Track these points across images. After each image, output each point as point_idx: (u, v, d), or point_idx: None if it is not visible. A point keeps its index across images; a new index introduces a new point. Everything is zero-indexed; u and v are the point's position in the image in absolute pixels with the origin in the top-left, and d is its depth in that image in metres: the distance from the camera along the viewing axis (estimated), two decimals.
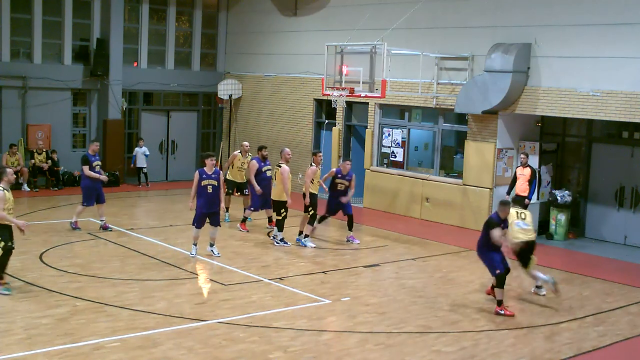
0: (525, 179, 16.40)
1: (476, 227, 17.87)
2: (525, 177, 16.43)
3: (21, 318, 10.08)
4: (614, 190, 17.29)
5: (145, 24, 23.95)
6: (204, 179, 13.63)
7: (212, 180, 13.65)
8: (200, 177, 13.62)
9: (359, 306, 11.46)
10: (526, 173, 16.48)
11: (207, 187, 13.64)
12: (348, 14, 20.78)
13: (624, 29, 15.38)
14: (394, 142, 20.12)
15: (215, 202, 13.75)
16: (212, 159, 13.68)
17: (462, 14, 18.37)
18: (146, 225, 17.20)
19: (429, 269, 14.23)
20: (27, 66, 21.77)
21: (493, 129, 17.68)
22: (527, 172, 16.48)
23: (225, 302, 11.32)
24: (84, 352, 8.99)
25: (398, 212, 19.71)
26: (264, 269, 13.40)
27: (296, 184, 22.89)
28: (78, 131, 23.20)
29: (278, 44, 23.63)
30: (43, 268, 12.75)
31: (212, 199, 13.70)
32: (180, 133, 24.95)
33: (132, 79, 23.40)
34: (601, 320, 11.35)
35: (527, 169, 16.51)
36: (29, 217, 16.84)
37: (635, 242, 16.97)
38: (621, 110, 15.41)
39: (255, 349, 9.34)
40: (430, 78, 18.67)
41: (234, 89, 24.69)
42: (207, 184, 13.64)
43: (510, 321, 11.07)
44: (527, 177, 16.41)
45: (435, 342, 10.00)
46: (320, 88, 19.12)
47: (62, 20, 22.33)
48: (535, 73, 16.83)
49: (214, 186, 13.66)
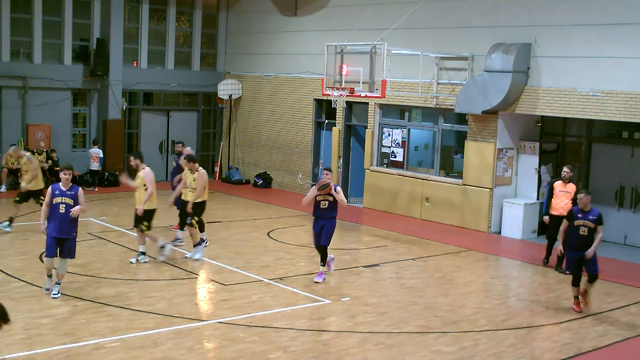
0: (570, 197, 13.96)
1: (476, 227, 17.95)
2: (570, 195, 14.00)
3: (21, 318, 10.08)
4: (614, 190, 17.29)
5: (145, 24, 23.95)
6: (57, 195, 11.07)
7: (66, 198, 11.08)
8: (52, 194, 11.07)
9: (359, 306, 11.46)
10: (570, 190, 14.07)
11: (59, 206, 11.05)
12: (348, 14, 20.78)
13: (624, 29, 15.39)
14: (394, 142, 20.11)
15: (69, 226, 11.09)
16: (67, 172, 11.15)
17: (462, 14, 18.37)
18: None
19: (429, 269, 14.23)
20: (27, 66, 21.78)
21: (493, 129, 17.69)
22: (571, 188, 14.09)
23: (225, 302, 11.32)
24: (84, 352, 8.99)
25: (398, 212, 19.71)
26: (264, 269, 13.40)
27: (296, 184, 22.93)
28: (78, 131, 23.21)
29: (278, 44, 23.63)
30: (43, 268, 12.72)
31: (64, 222, 11.04)
32: (180, 133, 24.92)
33: (132, 79, 23.41)
34: (601, 320, 11.35)
35: (570, 185, 14.17)
36: (29, 217, 16.83)
37: (635, 242, 16.98)
38: (621, 110, 15.41)
39: (255, 349, 9.33)
40: (430, 78, 18.67)
41: (234, 89, 24.69)
42: (60, 202, 11.05)
43: (510, 321, 11.07)
44: (572, 196, 13.88)
45: (435, 342, 9.99)
46: (320, 88, 19.12)
47: (62, 20, 22.33)
48: (535, 73, 16.83)
49: (67, 205, 11.03)
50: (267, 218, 18.15)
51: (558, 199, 14.06)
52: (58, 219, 11.04)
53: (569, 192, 13.99)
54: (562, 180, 14.18)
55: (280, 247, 15.42)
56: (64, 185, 11.15)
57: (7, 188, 20.84)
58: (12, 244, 14.28)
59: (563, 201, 13.96)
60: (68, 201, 11.06)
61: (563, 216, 12.62)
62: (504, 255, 15.85)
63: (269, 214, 18.95)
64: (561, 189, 14.09)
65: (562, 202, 13.97)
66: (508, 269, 14.97)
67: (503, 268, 15.07)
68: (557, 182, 14.24)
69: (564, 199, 13.96)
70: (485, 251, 16.05)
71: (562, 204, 13.93)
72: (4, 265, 12.75)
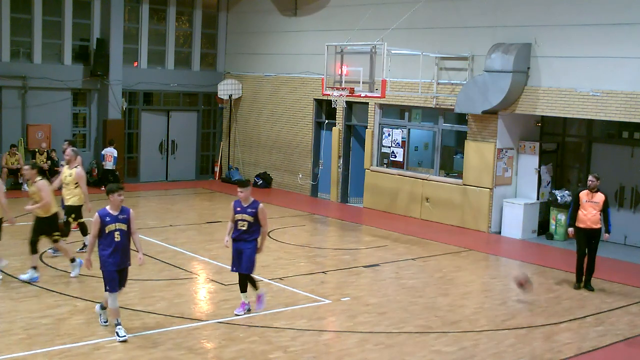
0: (598, 208, 12.91)
1: (476, 227, 17.95)
2: (598, 206, 12.91)
3: (21, 318, 10.08)
4: (614, 190, 17.28)
5: (145, 24, 23.95)
6: (108, 223, 9.48)
7: (119, 223, 9.55)
8: (103, 222, 9.48)
9: (359, 306, 11.46)
10: (598, 200, 12.94)
11: (113, 234, 9.50)
12: (348, 14, 20.78)
13: (624, 29, 15.38)
14: (394, 142, 20.11)
15: (128, 254, 9.73)
16: (121, 194, 9.57)
17: (462, 14, 18.37)
18: (146, 225, 17.17)
19: (429, 269, 14.23)
20: (27, 66, 21.78)
21: (493, 129, 17.69)
22: (599, 198, 12.95)
23: (225, 302, 11.31)
24: (84, 352, 8.99)
25: (398, 212, 19.71)
26: (264, 269, 13.39)
27: (296, 184, 22.93)
28: (78, 131, 23.20)
29: (278, 44, 23.63)
30: (43, 268, 12.72)
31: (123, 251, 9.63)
32: (180, 133, 24.95)
33: (132, 79, 23.41)
34: (601, 320, 11.35)
35: (599, 195, 12.99)
36: (29, 217, 16.82)
37: (635, 242, 16.98)
38: (621, 110, 15.41)
39: (255, 349, 9.34)
40: (430, 78, 18.67)
41: (234, 89, 24.70)
42: (114, 229, 9.50)
43: (510, 321, 11.06)
44: (600, 206, 12.91)
45: (435, 342, 9.99)
46: (320, 88, 19.12)
47: (62, 20, 22.33)
48: (535, 73, 16.83)
49: (122, 232, 9.55)
50: (266, 218, 18.11)
51: (585, 210, 12.94)
52: (117, 249, 9.49)
53: (596, 203, 12.92)
54: (588, 189, 13.03)
55: (280, 247, 15.42)
56: (114, 209, 9.51)
57: (7, 188, 20.79)
58: (12, 244, 14.27)
59: (591, 212, 12.89)
60: (122, 227, 9.53)
61: (592, 229, 12.71)
62: (504, 255, 15.85)
63: (269, 214, 18.84)
64: (588, 199, 12.98)
65: (589, 213, 12.90)
66: (508, 269, 14.96)
67: (503, 268, 15.06)
68: (583, 192, 13.07)
69: (592, 210, 12.90)
70: (485, 251, 16.05)
71: (590, 215, 12.89)
72: (4, 265, 12.73)
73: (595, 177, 12.99)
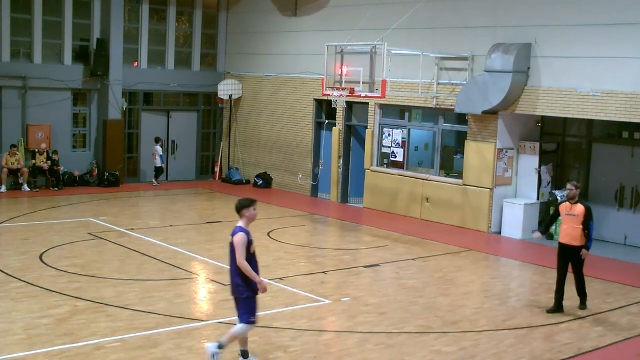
0: (578, 222, 11.27)
1: (476, 227, 17.95)
2: (577, 219, 11.27)
3: (21, 318, 10.08)
4: (614, 190, 17.28)
5: (145, 24, 23.94)
6: (252, 242, 8.51)
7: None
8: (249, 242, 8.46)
9: (359, 306, 11.46)
10: (577, 212, 11.28)
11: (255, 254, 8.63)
12: (348, 14, 20.78)
13: (624, 29, 15.38)
14: (394, 142, 20.11)
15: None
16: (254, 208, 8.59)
17: (462, 14, 18.38)
18: (146, 225, 17.19)
19: (429, 269, 14.23)
20: (27, 66, 21.77)
21: (493, 129, 17.69)
22: (578, 210, 11.28)
23: (225, 302, 11.29)
24: (84, 352, 8.99)
25: (398, 212, 19.71)
26: (264, 269, 13.31)
27: (296, 184, 22.93)
28: (78, 131, 23.19)
29: (278, 44, 23.63)
30: (43, 268, 12.74)
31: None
32: (180, 133, 24.94)
33: (132, 79, 23.40)
34: (601, 320, 11.35)
35: (578, 206, 11.31)
36: (29, 217, 16.85)
37: (635, 242, 16.97)
38: (621, 110, 15.41)
39: (255, 349, 9.33)
40: (430, 78, 18.67)
41: (234, 89, 24.70)
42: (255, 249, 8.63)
43: (510, 321, 11.06)
44: (580, 219, 11.24)
45: (435, 342, 9.99)
46: (320, 88, 19.13)
47: (62, 20, 22.32)
48: (535, 73, 16.83)
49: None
50: (267, 218, 18.13)
51: (565, 224, 11.42)
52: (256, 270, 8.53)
53: (575, 216, 11.29)
54: (567, 199, 11.47)
55: (280, 247, 15.42)
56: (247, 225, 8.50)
57: (7, 188, 20.83)
58: (12, 244, 14.28)
59: (570, 227, 11.31)
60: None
61: (571, 246, 11.31)
62: (504, 255, 15.85)
63: (269, 214, 18.94)
64: (566, 211, 11.42)
65: (568, 228, 11.34)
66: (508, 269, 14.97)
67: (503, 268, 15.06)
68: (563, 204, 11.55)
69: (571, 224, 11.29)
70: (485, 251, 16.05)
71: (569, 230, 11.33)
72: (3, 265, 12.75)
73: (575, 186, 11.39)
